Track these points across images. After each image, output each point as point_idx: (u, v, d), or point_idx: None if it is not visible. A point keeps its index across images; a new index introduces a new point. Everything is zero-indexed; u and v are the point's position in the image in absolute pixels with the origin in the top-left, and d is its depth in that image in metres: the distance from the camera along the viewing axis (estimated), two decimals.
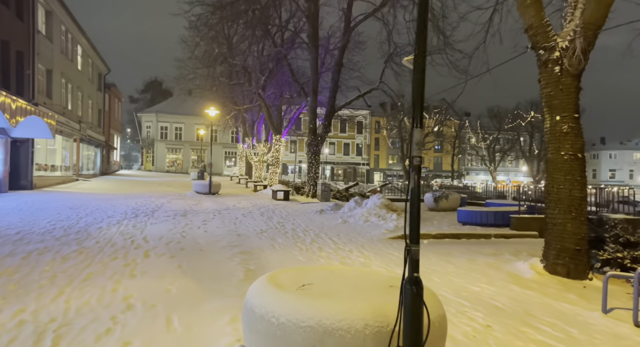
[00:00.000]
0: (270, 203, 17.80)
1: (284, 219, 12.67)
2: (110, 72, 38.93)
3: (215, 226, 10.96)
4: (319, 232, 10.09)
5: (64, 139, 26.17)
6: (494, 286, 5.55)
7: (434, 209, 14.02)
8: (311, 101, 19.22)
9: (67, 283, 5.30)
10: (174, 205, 15.83)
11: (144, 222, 11.10)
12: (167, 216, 12.58)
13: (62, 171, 25.90)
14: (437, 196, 13.89)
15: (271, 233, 9.95)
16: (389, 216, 10.99)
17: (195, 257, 7.13)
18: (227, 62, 29.28)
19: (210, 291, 5.23)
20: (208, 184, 21.52)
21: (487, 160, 58.44)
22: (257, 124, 39.11)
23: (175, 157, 60.64)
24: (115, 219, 11.57)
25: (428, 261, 6.98)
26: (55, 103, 23.21)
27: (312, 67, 18.76)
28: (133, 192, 21.53)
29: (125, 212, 13.17)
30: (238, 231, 10.16)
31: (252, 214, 13.83)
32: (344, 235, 9.71)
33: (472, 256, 7.49)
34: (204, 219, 12.21)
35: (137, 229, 9.91)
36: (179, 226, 10.64)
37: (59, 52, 24.55)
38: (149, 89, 79.20)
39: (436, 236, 9.05)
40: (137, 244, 8.03)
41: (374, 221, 10.89)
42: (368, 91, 19.58)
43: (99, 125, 36.67)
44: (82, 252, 7.13)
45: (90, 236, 8.84)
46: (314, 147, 19.81)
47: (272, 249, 8.09)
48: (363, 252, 7.74)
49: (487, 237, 9.23)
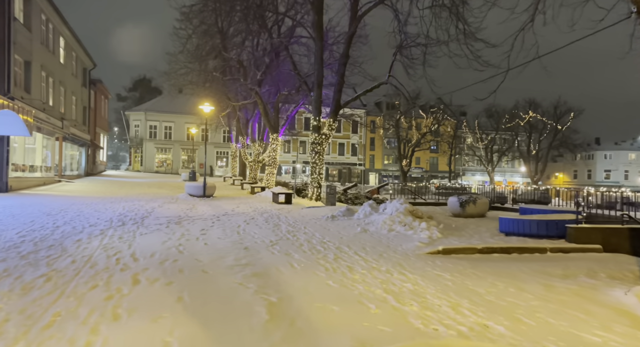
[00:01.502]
0: (272, 207, 16.26)
1: (292, 227, 11.15)
2: (97, 68, 36.99)
3: (216, 236, 9.41)
4: (340, 245, 8.59)
5: (45, 137, 24.29)
6: (613, 333, 4.12)
7: (460, 214, 12.56)
8: (315, 96, 17.69)
9: (21, 334, 3.73)
10: (167, 210, 14.20)
11: (133, 232, 9.50)
12: (159, 223, 10.98)
13: (43, 172, 24.02)
14: (463, 201, 12.43)
15: (283, 246, 8.43)
16: (416, 224, 9.54)
17: (198, 283, 5.59)
18: (221, 56, 27.64)
19: (227, 343, 3.71)
20: (202, 186, 19.89)
21: (485, 160, 57.44)
22: (251, 123, 37.49)
23: (164, 157, 58.62)
24: (99, 228, 9.94)
25: (494, 288, 5.53)
26: (35, 98, 21.36)
27: (317, 59, 17.23)
28: (120, 195, 19.81)
29: (110, 219, 11.54)
30: (244, 243, 8.62)
31: (255, 220, 12.28)
32: (370, 248, 8.22)
33: (542, 279, 6.07)
34: (202, 227, 10.64)
35: (124, 241, 8.31)
36: (174, 236, 9.06)
37: (39, 42, 22.69)
38: (137, 87, 77.00)
39: (483, 251, 7.63)
40: (124, 264, 6.46)
41: (400, 230, 9.43)
42: (376, 86, 18.13)
43: (84, 124, 34.70)
44: (51, 278, 5.54)
45: (65, 251, 7.23)
46: (318, 146, 18.30)
47: (291, 268, 6.58)
48: (405, 274, 6.26)
49: (541, 251, 7.84)
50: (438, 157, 67.08)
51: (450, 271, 6.37)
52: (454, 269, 6.54)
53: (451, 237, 8.76)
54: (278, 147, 29.34)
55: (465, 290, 5.38)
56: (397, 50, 18.00)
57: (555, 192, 28.87)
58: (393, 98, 55.50)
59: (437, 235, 8.76)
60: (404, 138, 53.34)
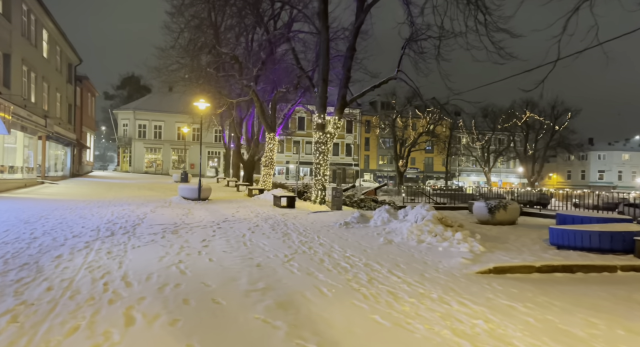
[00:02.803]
0: (275, 212, 15.00)
1: (304, 236, 9.92)
2: (84, 65, 35.32)
3: (220, 248, 8.14)
4: (368, 261, 7.39)
5: (27, 136, 22.70)
6: None
7: (488, 221, 11.35)
8: (320, 92, 16.45)
9: None
10: (160, 216, 12.86)
11: (123, 244, 8.19)
12: (153, 232, 9.67)
13: (24, 173, 22.42)
14: (492, 206, 11.22)
15: (301, 262, 7.21)
16: (449, 234, 8.38)
17: (211, 321, 4.35)
18: (215, 51, 26.28)
19: None
20: (197, 189, 18.53)
21: (481, 161, 56.71)
22: (245, 122, 36.12)
23: (154, 158, 56.86)
24: (84, 239, 8.61)
25: (595, 329, 4.28)
26: (15, 93, 19.79)
27: (322, 51, 15.98)
28: (108, 198, 18.37)
29: (97, 227, 10.19)
30: (255, 258, 7.38)
31: (260, 228, 11.02)
32: (405, 265, 7.03)
33: (638, 310, 4.93)
34: (203, 237, 9.35)
35: (113, 257, 7.01)
36: (172, 250, 7.78)
37: (20, 34, 21.11)
38: (125, 85, 74.95)
39: (542, 269, 6.48)
40: (114, 291, 5.18)
41: (431, 241, 8.26)
42: (385, 81, 16.96)
43: (70, 122, 33.02)
44: (17, 316, 4.25)
45: (41, 273, 5.93)
46: (323, 145, 17.08)
47: (321, 296, 5.36)
48: (467, 305, 5.06)
49: (611, 270, 6.72)
50: (433, 158, 66.30)
51: (520, 300, 5.20)
52: (521, 296, 5.38)
53: (497, 251, 7.61)
54: (275, 147, 28.09)
55: (557, 332, 4.21)
56: (406, 44, 16.88)
57: (551, 194, 28.25)
58: (389, 97, 54.55)
59: (480, 248, 7.61)
60: (400, 138, 52.37)
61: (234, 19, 26.24)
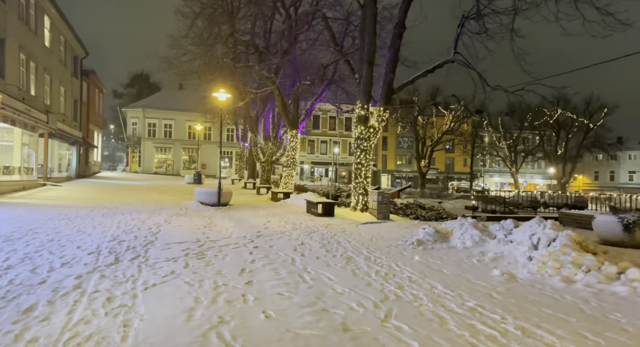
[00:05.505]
0: (313, 222, 12.41)
1: (375, 263, 7.30)
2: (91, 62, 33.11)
3: (271, 287, 5.56)
4: (506, 314, 4.75)
5: (26, 133, 20.36)
6: None
7: (623, 242, 8.30)
8: (365, 77, 13.79)
9: None
10: (177, 228, 10.33)
11: (132, 280, 5.64)
12: (172, 257, 7.12)
13: (23, 174, 20.09)
14: (629, 222, 8.26)
15: (409, 320, 4.59)
16: (611, 269, 5.70)
17: None
18: (233, 39, 23.79)
19: None
20: (216, 193, 16.01)
21: (509, 161, 53.59)
22: (262, 119, 33.60)
23: (164, 158, 54.65)
24: (76, 270, 6.09)
25: None
26: (10, 83, 17.44)
27: (369, 28, 13.27)
28: (115, 203, 15.92)
29: (97, 248, 7.68)
30: (329, 309, 4.78)
31: (308, 248, 8.43)
32: (569, 329, 4.39)
33: None
34: (240, 264, 6.78)
35: (113, 313, 4.44)
36: (203, 293, 5.20)
37: (16, 18, 18.76)
38: (134, 83, 73.08)
39: None
40: None
41: (588, 281, 5.56)
42: (439, 65, 14.26)
43: (75, 119, 30.74)
44: None
45: None
46: (365, 142, 14.46)
47: None
48: None
49: None
50: (454, 158, 63.33)
51: None
52: None
53: None
54: (297, 146, 25.59)
55: None
56: (464, 19, 14.23)
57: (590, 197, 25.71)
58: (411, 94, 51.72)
59: None
60: (421, 137, 49.53)
61: (252, 7, 23.78)
